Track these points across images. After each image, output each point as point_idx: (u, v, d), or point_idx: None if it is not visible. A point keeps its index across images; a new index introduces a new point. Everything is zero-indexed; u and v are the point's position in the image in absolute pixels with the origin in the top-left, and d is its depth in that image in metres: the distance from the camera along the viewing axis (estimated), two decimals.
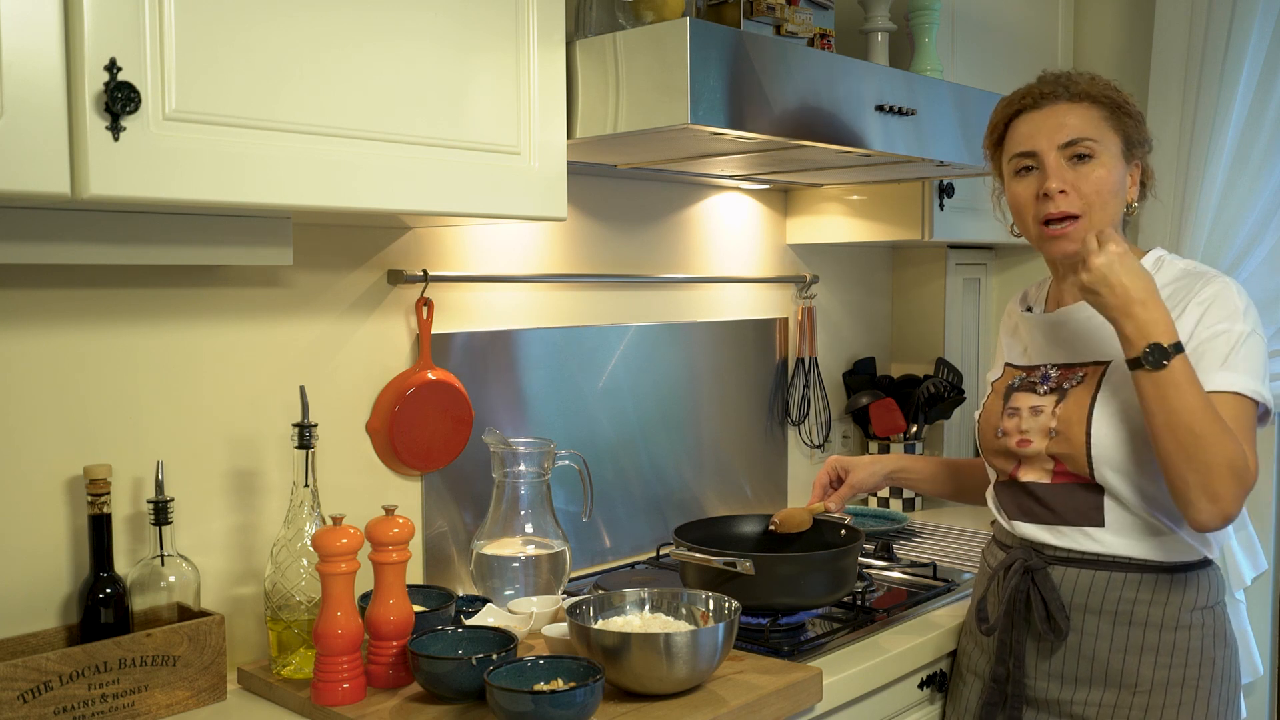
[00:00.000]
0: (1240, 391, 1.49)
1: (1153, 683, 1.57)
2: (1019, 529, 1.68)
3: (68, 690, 1.35)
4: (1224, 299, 1.54)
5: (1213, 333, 1.51)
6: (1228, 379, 1.49)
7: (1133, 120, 1.61)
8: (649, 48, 1.58)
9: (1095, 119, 1.59)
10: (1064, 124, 1.58)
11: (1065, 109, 1.59)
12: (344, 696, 1.44)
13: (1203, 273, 1.60)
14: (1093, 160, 1.57)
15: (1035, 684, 1.65)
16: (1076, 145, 1.57)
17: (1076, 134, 1.57)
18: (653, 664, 1.42)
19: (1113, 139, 1.59)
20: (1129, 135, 1.60)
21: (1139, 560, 1.58)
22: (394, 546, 1.50)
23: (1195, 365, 1.47)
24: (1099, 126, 1.58)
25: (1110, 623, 1.59)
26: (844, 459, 1.95)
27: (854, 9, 2.20)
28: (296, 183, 1.31)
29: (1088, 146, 1.57)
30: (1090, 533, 1.60)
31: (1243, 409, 1.49)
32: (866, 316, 2.89)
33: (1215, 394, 1.47)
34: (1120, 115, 1.60)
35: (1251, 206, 2.54)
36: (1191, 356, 1.48)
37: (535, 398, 2.06)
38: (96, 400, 1.51)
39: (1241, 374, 1.49)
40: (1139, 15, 2.78)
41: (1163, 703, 1.57)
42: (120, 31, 1.15)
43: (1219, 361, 1.50)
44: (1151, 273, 1.61)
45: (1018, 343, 1.76)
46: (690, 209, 2.39)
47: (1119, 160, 1.59)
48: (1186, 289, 1.57)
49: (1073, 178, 1.57)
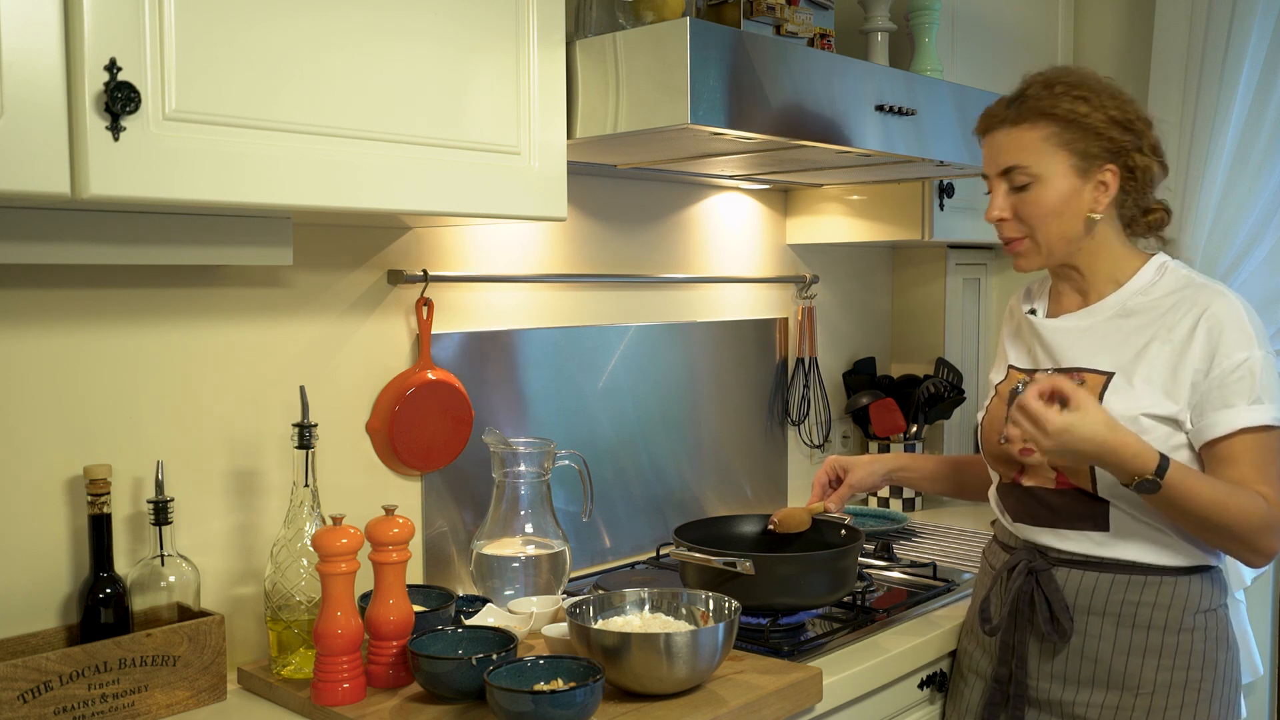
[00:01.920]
0: (1270, 424, 1.51)
1: (1155, 685, 1.57)
2: (1022, 531, 1.68)
3: (68, 690, 1.35)
4: (1235, 322, 1.54)
5: (1234, 363, 1.52)
6: (1258, 414, 1.51)
7: (1089, 131, 1.57)
8: (649, 48, 1.58)
9: (1035, 141, 1.58)
10: (1002, 150, 1.62)
11: (1004, 135, 1.61)
12: (344, 696, 1.44)
13: (1205, 284, 1.59)
14: (1031, 185, 1.59)
15: (1038, 685, 1.65)
16: (1012, 174, 1.60)
17: (1011, 162, 1.60)
18: (653, 664, 1.42)
19: (1059, 156, 1.57)
20: (1084, 148, 1.57)
21: (1143, 564, 1.58)
22: (394, 546, 1.50)
23: (1221, 400, 1.52)
24: (1038, 149, 1.58)
25: (1113, 625, 1.59)
26: (843, 459, 1.95)
27: (854, 9, 2.20)
28: (297, 183, 1.31)
29: (1024, 173, 1.59)
30: (1094, 537, 1.60)
31: (1272, 440, 1.53)
32: (866, 316, 2.89)
33: (1248, 430, 1.50)
34: (1069, 130, 1.57)
35: (1251, 206, 2.54)
36: (1215, 391, 1.52)
37: (535, 398, 2.06)
38: (96, 400, 1.51)
39: (1268, 405, 1.52)
40: (1139, 15, 2.78)
41: (1165, 705, 1.57)
42: (120, 31, 1.15)
43: (1247, 396, 1.51)
44: (1154, 281, 1.62)
45: (1020, 344, 1.76)
46: (690, 209, 2.39)
47: (1068, 176, 1.58)
48: (1191, 300, 1.57)
49: (1014, 202, 1.61)
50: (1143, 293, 1.62)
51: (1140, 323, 1.59)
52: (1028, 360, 1.72)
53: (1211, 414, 1.52)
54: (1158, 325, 1.58)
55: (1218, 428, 1.52)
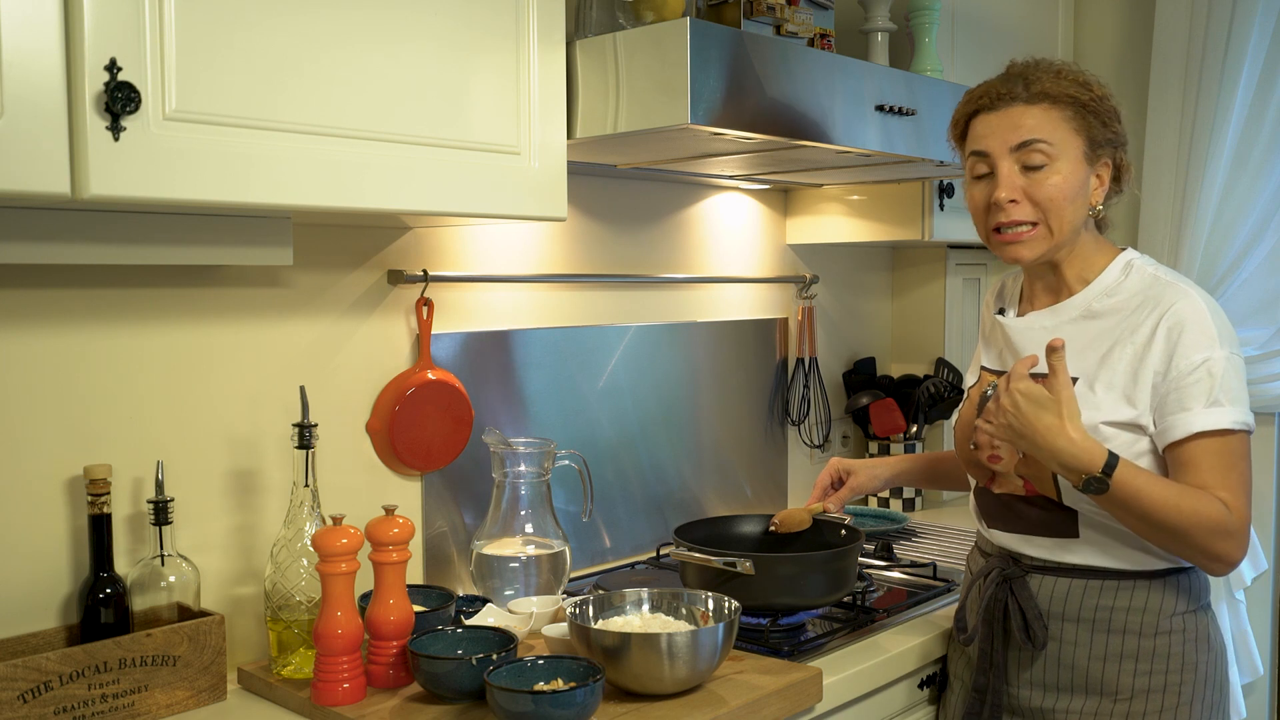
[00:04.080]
0: (1229, 428, 1.46)
1: (1133, 690, 1.56)
2: (995, 537, 1.67)
3: (68, 690, 1.35)
4: (1196, 323, 1.49)
5: (1190, 364, 1.47)
6: (1215, 417, 1.45)
7: (1099, 119, 1.54)
8: (649, 48, 1.58)
9: (1053, 120, 1.52)
10: (1019, 126, 1.52)
11: (1021, 111, 1.52)
12: (344, 696, 1.44)
13: (1171, 283, 1.54)
14: (1048, 166, 1.51)
15: (1017, 693, 1.63)
16: (1030, 149, 1.51)
17: (1030, 135, 1.51)
18: (653, 664, 1.42)
19: (1073, 141, 1.52)
20: (1093, 135, 1.53)
21: (1115, 570, 1.56)
22: (394, 546, 1.50)
23: (1178, 403, 1.47)
24: (1057, 129, 1.52)
25: (1089, 630, 1.58)
26: (846, 461, 1.94)
27: (854, 9, 2.20)
28: (297, 183, 1.31)
29: (1042, 150, 1.51)
30: (1064, 544, 1.58)
31: (1233, 444, 1.47)
32: (866, 316, 2.89)
33: (1205, 434, 1.46)
34: (1084, 115, 1.53)
35: (1251, 207, 2.54)
36: (1173, 394, 1.47)
37: (535, 398, 2.06)
38: (96, 400, 1.51)
39: (1227, 408, 1.46)
40: (1139, 15, 2.78)
41: (1144, 709, 1.55)
42: (120, 31, 1.15)
43: (1203, 399, 1.46)
44: (1119, 280, 1.57)
45: (992, 346, 1.73)
46: (690, 209, 2.39)
47: (1080, 163, 1.53)
48: (1155, 300, 1.53)
49: (1025, 184, 1.52)
50: (1109, 293, 1.57)
51: (1105, 326, 1.55)
52: (998, 362, 1.70)
53: (1169, 416, 1.48)
54: (1121, 328, 1.54)
55: (1175, 431, 1.47)
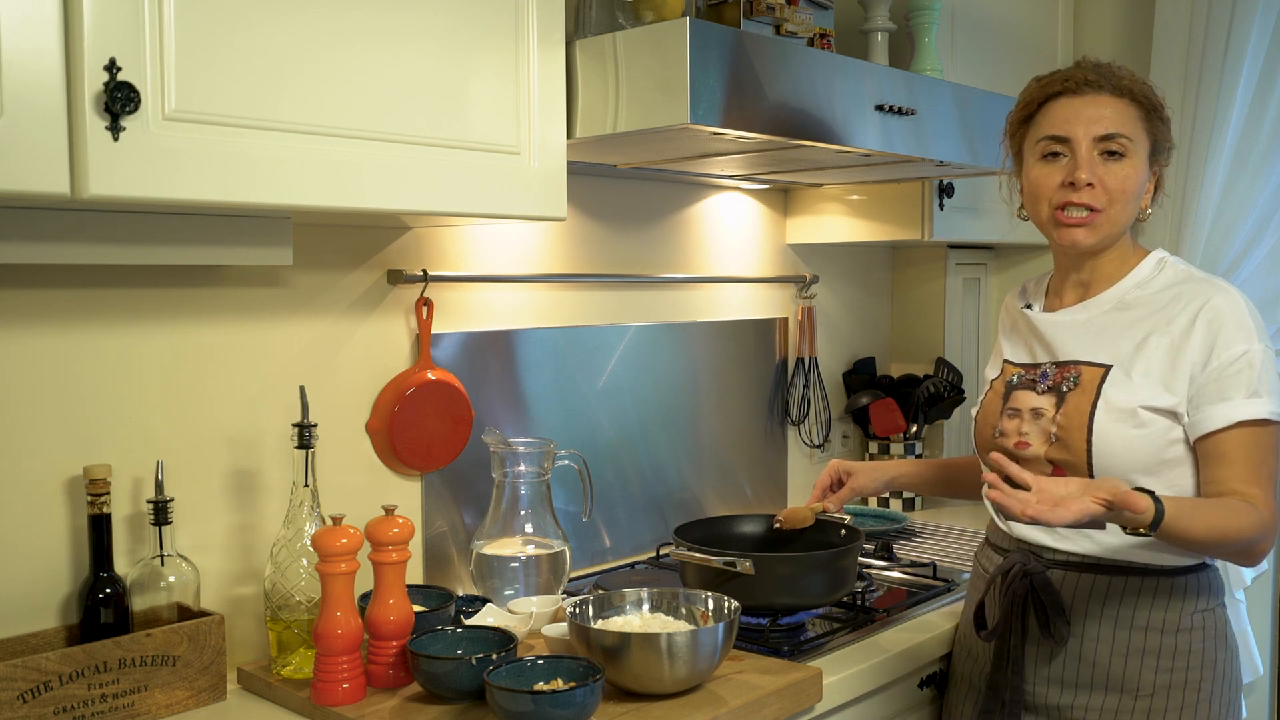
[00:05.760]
0: (1268, 418, 1.50)
1: (1154, 686, 1.57)
2: (1016, 530, 1.67)
3: (68, 690, 1.35)
4: (1235, 316, 1.53)
5: (1232, 356, 1.51)
6: (1256, 407, 1.50)
7: (1164, 125, 1.61)
8: (649, 48, 1.58)
9: (1133, 117, 1.58)
10: (1103, 116, 1.57)
11: (1106, 101, 1.57)
12: (344, 696, 1.44)
13: (1206, 278, 1.60)
14: (1123, 159, 1.56)
15: (1035, 689, 1.64)
16: (1112, 140, 1.56)
17: (1114, 128, 1.56)
18: (653, 664, 1.42)
19: (1144, 141, 1.59)
20: (1158, 140, 1.61)
21: (1139, 564, 1.58)
22: (394, 546, 1.50)
23: (1218, 393, 1.50)
24: (1135, 125, 1.58)
25: (1111, 627, 1.58)
26: (846, 463, 1.94)
27: (854, 9, 2.20)
28: (296, 183, 1.31)
29: (1122, 144, 1.56)
30: (1091, 534, 1.59)
31: (1265, 437, 1.51)
32: (866, 316, 2.89)
33: (1244, 424, 1.49)
34: (1154, 119, 1.60)
35: (1251, 206, 2.54)
36: (1213, 385, 1.51)
37: (535, 398, 2.06)
38: (96, 400, 1.51)
39: (1265, 399, 1.50)
40: (1139, 15, 2.78)
41: (1165, 706, 1.56)
42: (120, 31, 1.15)
43: (1244, 389, 1.50)
44: (1153, 275, 1.62)
45: (1017, 339, 1.75)
46: (690, 209, 2.39)
47: (1145, 163, 1.59)
48: (1191, 294, 1.57)
49: (1101, 172, 1.56)
50: (1141, 286, 1.62)
51: (1138, 315, 1.59)
52: (1026, 355, 1.72)
53: (1207, 407, 1.51)
54: (1156, 318, 1.57)
55: (1214, 420, 1.51)
